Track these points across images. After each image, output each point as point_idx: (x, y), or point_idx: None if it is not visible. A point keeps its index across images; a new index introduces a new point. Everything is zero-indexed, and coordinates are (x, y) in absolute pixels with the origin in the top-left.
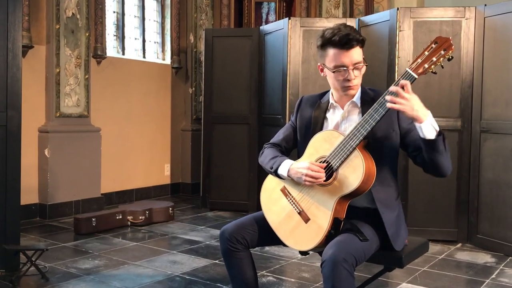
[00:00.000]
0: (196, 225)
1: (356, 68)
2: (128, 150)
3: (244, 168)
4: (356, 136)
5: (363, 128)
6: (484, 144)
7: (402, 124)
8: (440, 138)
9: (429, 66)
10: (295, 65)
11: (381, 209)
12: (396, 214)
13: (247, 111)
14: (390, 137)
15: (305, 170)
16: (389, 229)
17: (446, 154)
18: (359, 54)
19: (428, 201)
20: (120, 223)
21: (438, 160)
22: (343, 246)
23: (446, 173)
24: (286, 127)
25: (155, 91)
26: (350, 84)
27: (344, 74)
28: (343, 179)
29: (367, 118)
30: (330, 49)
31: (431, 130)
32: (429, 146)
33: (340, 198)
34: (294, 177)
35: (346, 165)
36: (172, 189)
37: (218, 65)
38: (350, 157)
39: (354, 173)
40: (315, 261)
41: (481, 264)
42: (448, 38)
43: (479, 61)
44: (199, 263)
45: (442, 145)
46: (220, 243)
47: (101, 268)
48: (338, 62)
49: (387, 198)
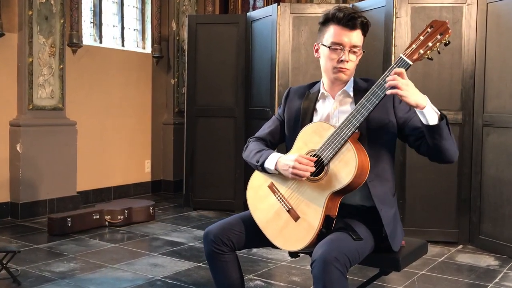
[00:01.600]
0: (179, 225)
1: (353, 51)
2: (106, 145)
3: (230, 164)
4: (347, 128)
5: (355, 119)
6: (486, 138)
7: (399, 114)
8: (443, 122)
9: (425, 52)
10: (284, 54)
11: (379, 205)
12: (393, 211)
13: (233, 103)
14: (386, 127)
15: (292, 162)
16: (387, 227)
17: (451, 138)
18: (359, 38)
19: (427, 200)
20: (97, 223)
21: (444, 146)
22: (335, 244)
23: (453, 158)
24: (271, 121)
25: (134, 82)
26: (342, 65)
27: (339, 53)
28: (334, 174)
29: (359, 108)
30: (331, 26)
31: (433, 115)
32: (434, 132)
33: (332, 194)
34: (282, 171)
35: (337, 158)
36: (153, 187)
37: (202, 54)
38: (342, 150)
39: (346, 167)
40: (305, 264)
41: (484, 267)
42: (444, 22)
43: (481, 49)
44: (181, 266)
45: (447, 129)
46: (204, 245)
47: (76, 271)
48: (336, 39)
49: (385, 194)
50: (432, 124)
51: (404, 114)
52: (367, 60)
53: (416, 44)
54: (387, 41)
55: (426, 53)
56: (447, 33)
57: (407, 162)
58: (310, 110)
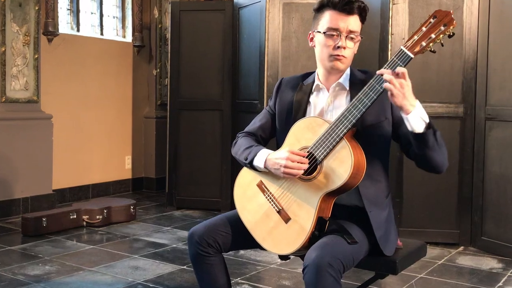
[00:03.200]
0: (161, 225)
1: (350, 37)
2: (84, 140)
3: (216, 161)
4: (343, 124)
5: (351, 115)
6: (489, 133)
7: (396, 112)
8: (429, 131)
9: (427, 44)
10: (274, 43)
11: (368, 207)
12: (385, 214)
13: (219, 95)
14: (382, 125)
15: (284, 160)
16: (377, 231)
17: (439, 149)
18: (357, 24)
19: (425, 199)
20: (74, 223)
21: (429, 156)
22: (329, 249)
23: (440, 169)
24: (262, 114)
25: (114, 72)
26: (339, 52)
27: (335, 40)
28: (328, 173)
29: (356, 104)
30: (327, 11)
31: (420, 122)
32: (418, 140)
33: (325, 195)
34: (272, 169)
35: (332, 157)
36: (134, 184)
37: (186, 43)
38: (337, 147)
39: (341, 166)
40: (296, 266)
41: (486, 270)
42: (448, 12)
43: (484, 38)
44: (164, 269)
45: (433, 139)
46: (189, 246)
47: (52, 274)
48: (332, 25)
49: (376, 195)
50: (416, 132)
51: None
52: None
53: (418, 36)
54: (383, 29)
55: (428, 46)
56: (452, 24)
57: (404, 158)
58: (304, 103)
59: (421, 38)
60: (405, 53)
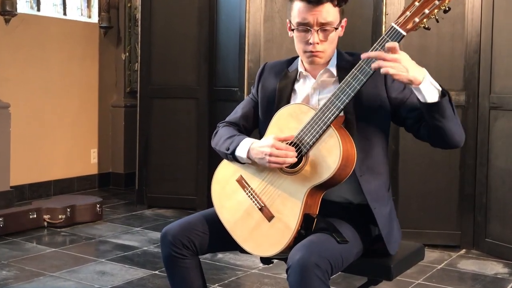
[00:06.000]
0: (131, 226)
1: (324, 29)
2: (45, 132)
3: (191, 154)
4: (330, 110)
5: (338, 100)
6: (494, 123)
7: (393, 94)
8: (445, 99)
9: (421, 20)
10: (255, 24)
11: (372, 203)
12: (388, 209)
13: (195, 82)
14: (377, 111)
15: (269, 148)
16: (383, 228)
17: (456, 119)
18: (330, 13)
19: (423, 196)
20: (34, 223)
21: (447, 127)
22: (315, 248)
23: (459, 142)
24: (245, 102)
25: (78, 57)
26: (313, 49)
27: (306, 35)
28: (315, 165)
29: (344, 87)
30: (295, 1)
31: (433, 91)
32: (433, 111)
33: (312, 189)
34: (256, 159)
35: (318, 147)
36: (100, 180)
37: (158, 25)
38: (324, 137)
39: (329, 157)
40: (280, 271)
41: (491, 275)
42: None
43: (488, 18)
44: (134, 274)
45: (450, 107)
46: (162, 247)
47: (10, 280)
48: (300, 19)
49: (378, 189)
50: (430, 101)
51: (399, 93)
52: (353, 31)
53: (411, 11)
54: (376, 8)
55: (422, 22)
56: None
57: (400, 150)
58: (288, 90)
59: (413, 14)
60: (396, 30)
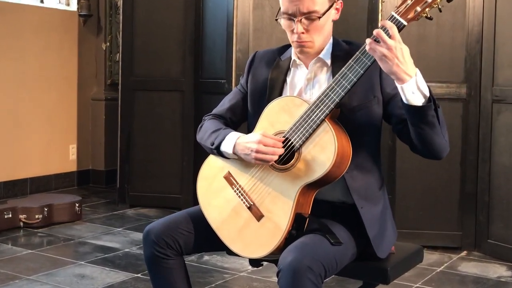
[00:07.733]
0: (112, 226)
1: (308, 18)
2: (20, 127)
3: (176, 150)
4: (325, 104)
5: (334, 93)
6: (497, 118)
7: (387, 89)
8: (429, 106)
9: (423, 9)
10: (244, 12)
11: (359, 202)
12: (380, 209)
13: (180, 73)
14: (371, 105)
15: (255, 144)
16: (370, 229)
17: (441, 129)
18: (314, 1)
19: (422, 195)
20: (9, 223)
21: (428, 136)
22: (308, 250)
23: (440, 154)
24: (233, 93)
25: (56, 47)
26: (298, 39)
27: (291, 24)
28: (308, 161)
29: (340, 79)
30: None
31: (418, 94)
32: (415, 116)
33: (304, 187)
34: (242, 154)
35: (312, 142)
36: (80, 178)
37: (140, 13)
38: (317, 132)
39: (323, 153)
40: (271, 274)
41: (493, 278)
42: None
43: (490, 6)
44: (115, 277)
45: (434, 115)
46: (144, 247)
47: None
48: (284, 9)
49: (367, 187)
50: (412, 104)
51: (392, 89)
52: (347, 19)
53: (412, 0)
54: None
55: (424, 11)
56: None
57: (397, 146)
58: (280, 81)
59: (415, 3)
60: (396, 20)
